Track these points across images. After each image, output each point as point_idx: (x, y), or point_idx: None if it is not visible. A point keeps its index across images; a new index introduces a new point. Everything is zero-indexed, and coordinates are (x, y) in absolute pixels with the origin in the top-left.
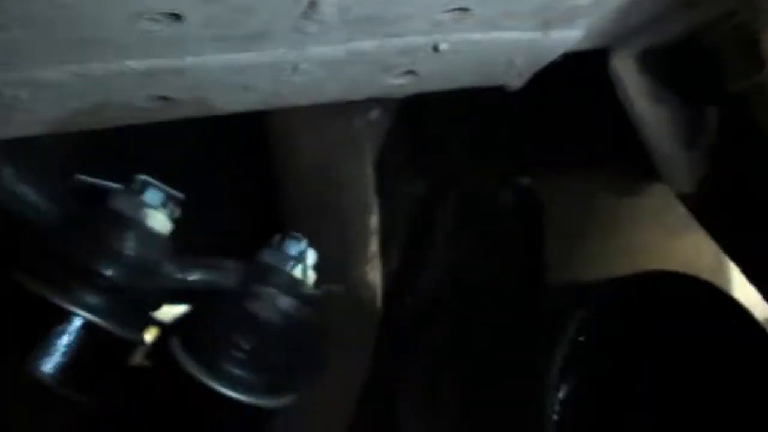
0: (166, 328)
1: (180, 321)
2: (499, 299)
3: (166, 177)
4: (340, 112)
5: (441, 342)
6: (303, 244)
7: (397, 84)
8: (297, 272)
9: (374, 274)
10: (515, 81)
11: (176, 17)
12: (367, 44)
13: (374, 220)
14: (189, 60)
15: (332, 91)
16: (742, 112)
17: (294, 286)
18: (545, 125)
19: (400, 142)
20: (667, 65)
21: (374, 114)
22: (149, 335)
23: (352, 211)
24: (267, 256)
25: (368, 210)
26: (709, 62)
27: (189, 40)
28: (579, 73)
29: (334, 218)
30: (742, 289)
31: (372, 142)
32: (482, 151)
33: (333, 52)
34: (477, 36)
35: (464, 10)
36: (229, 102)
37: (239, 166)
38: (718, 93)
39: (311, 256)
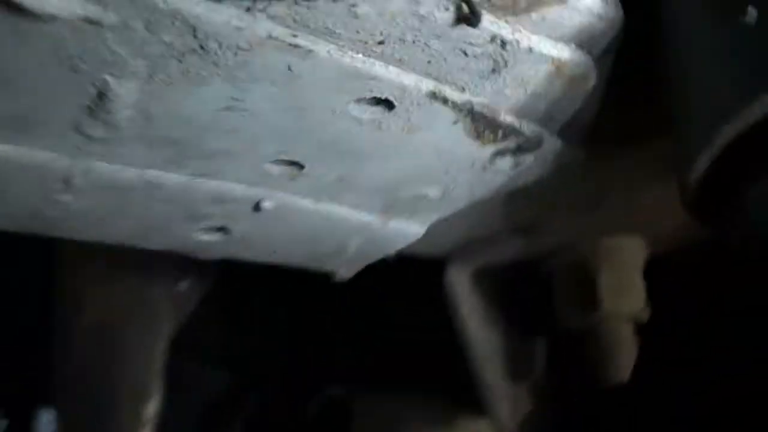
0: None
1: None
2: None
3: None
4: (140, 273)
5: None
6: None
7: (204, 240)
8: None
9: None
10: (344, 270)
11: None
12: (172, 177)
13: (151, 409)
14: None
15: (117, 230)
16: (573, 349)
17: None
18: (369, 331)
19: (210, 322)
20: (502, 288)
21: (183, 285)
22: None
23: (128, 393)
24: None
25: (147, 395)
26: (544, 292)
27: None
28: (413, 281)
29: (104, 398)
30: None
31: (173, 315)
32: (298, 350)
33: (123, 175)
34: (308, 203)
35: (298, 166)
36: None
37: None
38: (550, 326)
39: None
